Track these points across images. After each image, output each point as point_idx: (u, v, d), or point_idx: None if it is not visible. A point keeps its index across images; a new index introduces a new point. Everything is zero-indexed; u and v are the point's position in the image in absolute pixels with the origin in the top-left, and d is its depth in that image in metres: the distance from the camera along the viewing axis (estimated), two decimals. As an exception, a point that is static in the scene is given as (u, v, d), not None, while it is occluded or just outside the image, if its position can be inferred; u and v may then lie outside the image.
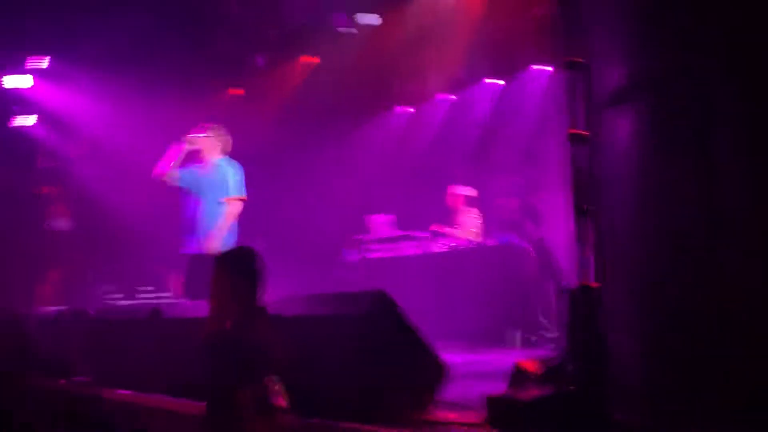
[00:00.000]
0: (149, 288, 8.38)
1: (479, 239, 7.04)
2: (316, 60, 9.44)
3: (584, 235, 2.71)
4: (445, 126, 9.46)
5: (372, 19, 8.14)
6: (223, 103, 9.49)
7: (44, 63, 8.50)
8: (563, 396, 2.33)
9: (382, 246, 7.42)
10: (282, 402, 2.29)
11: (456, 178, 8.41)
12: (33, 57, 8.40)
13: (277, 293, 2.79)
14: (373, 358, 2.43)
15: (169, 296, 8.30)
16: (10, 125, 8.59)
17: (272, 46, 9.05)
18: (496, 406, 2.38)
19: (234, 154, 5.57)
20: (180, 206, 5.57)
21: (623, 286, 2.44)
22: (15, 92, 8.49)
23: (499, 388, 3.43)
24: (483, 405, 2.62)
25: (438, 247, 7.06)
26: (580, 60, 2.81)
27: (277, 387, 2.30)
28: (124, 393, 3.83)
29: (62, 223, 8.50)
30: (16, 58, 8.32)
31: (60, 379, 4.48)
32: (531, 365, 2.73)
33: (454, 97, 9.48)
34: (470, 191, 7.49)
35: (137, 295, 8.19)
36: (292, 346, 2.39)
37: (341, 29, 8.37)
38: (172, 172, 5.39)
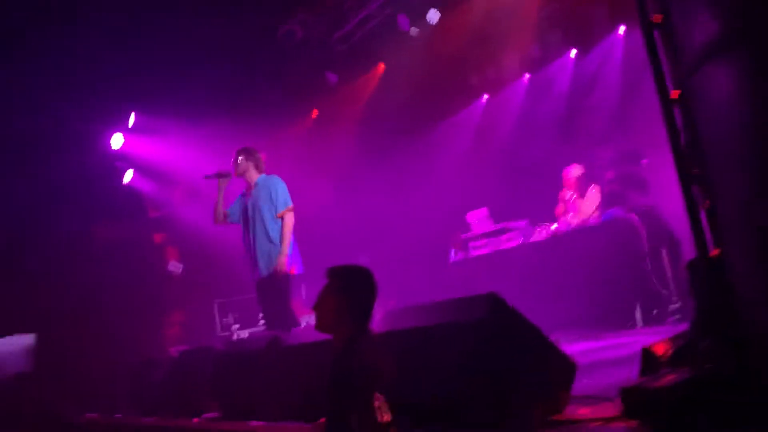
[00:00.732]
0: (261, 315, 8.66)
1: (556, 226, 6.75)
2: (383, 67, 9.48)
3: (694, 201, 2.53)
4: (527, 108, 9.23)
5: (433, 15, 8.06)
6: (307, 127, 9.71)
7: (130, 120, 9.03)
8: (702, 378, 2.16)
9: (483, 241, 7.28)
10: (387, 417, 2.25)
11: (546, 159, 8.18)
12: (119, 114, 8.93)
13: (388, 304, 2.78)
14: (496, 363, 2.35)
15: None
16: (122, 182, 9.16)
17: (340, 61, 9.16)
18: (631, 397, 2.25)
19: (324, 172, 5.63)
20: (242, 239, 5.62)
21: (748, 253, 2.24)
22: (115, 151, 9.04)
23: (630, 374, 3.27)
24: (616, 396, 2.49)
25: (539, 234, 6.84)
26: (660, 18, 2.63)
27: (381, 404, 2.25)
28: (254, 425, 3.95)
29: (176, 267, 8.97)
30: (105, 119, 8.85)
31: (192, 417, 4.67)
32: (659, 347, 2.57)
33: (528, 76, 9.24)
34: (579, 169, 7.08)
35: (257, 324, 8.49)
36: (404, 361, 2.37)
37: (405, 31, 8.33)
38: (220, 212, 5.53)
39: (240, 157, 5.48)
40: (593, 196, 6.88)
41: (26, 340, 7.81)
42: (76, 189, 7.91)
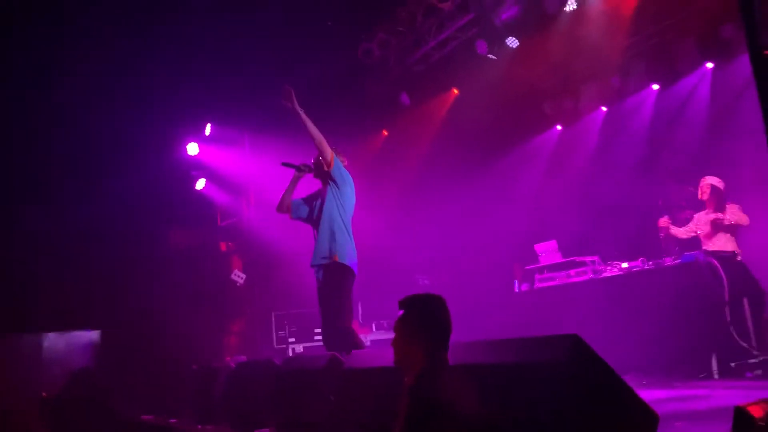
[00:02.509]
0: (318, 330, 8.67)
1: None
2: (456, 92, 9.42)
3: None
4: (602, 141, 8.98)
5: (511, 42, 7.96)
6: (377, 147, 9.74)
7: (207, 129, 9.26)
8: (808, 448, 1.96)
9: (550, 274, 7.06)
10: None
11: (620, 195, 7.92)
12: (196, 123, 9.18)
13: (454, 335, 2.66)
14: (576, 411, 2.21)
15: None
16: (195, 189, 9.38)
17: (416, 83, 9.15)
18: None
19: (390, 193, 5.50)
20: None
21: None
22: (190, 159, 9.29)
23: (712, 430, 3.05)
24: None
25: (611, 271, 6.57)
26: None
27: None
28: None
29: (239, 276, 9.09)
30: (183, 127, 9.11)
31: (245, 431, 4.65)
32: (757, 410, 2.35)
33: (604, 108, 9.00)
34: (718, 182, 6.42)
35: (312, 339, 8.50)
36: (481, 399, 2.25)
37: (483, 56, 8.25)
38: (287, 201, 5.26)
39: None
40: (734, 213, 6.23)
41: (91, 336, 8.03)
42: (151, 193, 8.14)
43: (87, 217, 7.77)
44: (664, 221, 6.64)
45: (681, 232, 6.61)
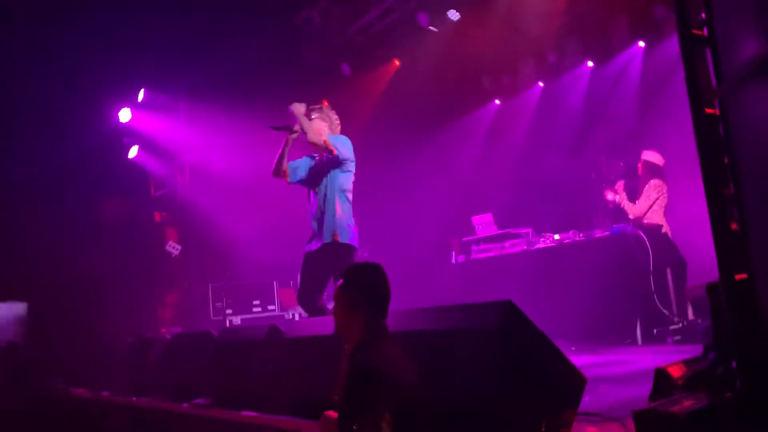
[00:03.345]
0: (256, 302, 8.63)
1: (654, 219, 6.25)
2: (397, 63, 9.41)
3: (724, 221, 2.46)
4: (538, 116, 9.17)
5: (452, 15, 7.99)
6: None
7: (140, 95, 8.92)
8: (721, 406, 2.10)
9: (486, 246, 7.23)
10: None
11: (555, 169, 8.13)
12: (129, 89, 8.83)
13: (392, 304, 2.70)
14: (508, 374, 2.28)
15: (274, 309, 8.54)
16: (127, 157, 9.05)
17: (356, 53, 9.07)
18: (645, 421, 2.18)
19: None
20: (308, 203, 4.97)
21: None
22: (122, 125, 8.95)
23: (633, 394, 3.21)
24: (625, 416, 2.42)
25: (544, 242, 6.78)
26: (701, 33, 2.57)
27: (387, 424, 2.16)
28: (246, 415, 3.88)
29: (174, 247, 8.89)
30: (115, 92, 8.76)
31: (182, 402, 4.60)
32: (675, 370, 2.50)
33: (541, 84, 9.18)
34: (655, 157, 6.48)
35: (249, 311, 8.44)
36: (418, 365, 2.30)
37: (424, 28, 8.24)
38: (283, 165, 4.79)
39: (314, 115, 4.82)
40: (652, 190, 6.36)
41: (17, 308, 7.74)
42: (81, 160, 7.82)
43: (12, 183, 7.41)
44: (612, 193, 6.77)
45: (627, 206, 6.68)
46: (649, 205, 6.35)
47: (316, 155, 4.97)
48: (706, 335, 2.91)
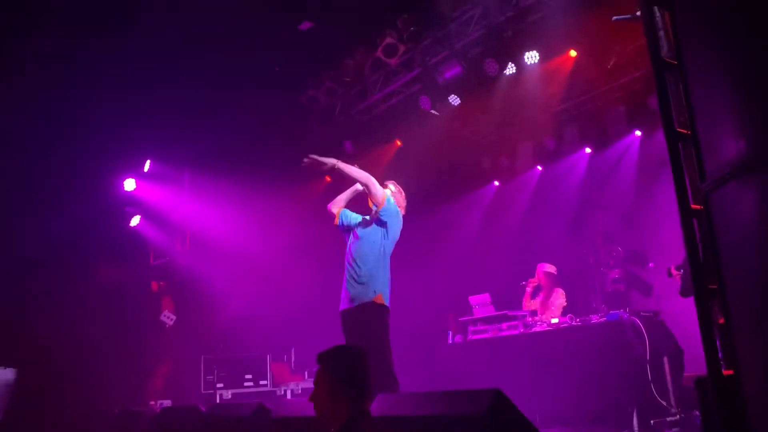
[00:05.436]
0: (248, 376, 8.50)
1: (558, 321, 6.65)
2: (398, 143, 9.62)
3: (709, 317, 2.48)
4: (536, 199, 9.30)
5: (453, 100, 8.25)
6: (318, 192, 9.77)
7: (146, 166, 9.11)
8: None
9: (483, 327, 7.20)
10: None
11: (551, 252, 8.18)
12: (135, 160, 9.02)
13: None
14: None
15: (266, 384, 8.40)
16: (129, 226, 9.15)
17: (359, 132, 9.30)
18: None
19: (329, 240, 5.41)
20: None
21: (763, 374, 2.18)
22: (126, 194, 9.09)
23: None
24: None
25: (540, 326, 6.76)
26: (685, 131, 2.66)
27: None
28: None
29: (169, 318, 8.84)
30: (121, 162, 8.93)
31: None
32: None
33: (540, 168, 9.36)
34: (550, 268, 7.40)
35: (241, 385, 8.30)
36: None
37: (426, 111, 8.49)
38: (339, 205, 5.14)
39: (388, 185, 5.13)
40: (557, 298, 7.22)
41: (5, 374, 7.62)
42: (81, 227, 7.89)
43: (9, 249, 7.45)
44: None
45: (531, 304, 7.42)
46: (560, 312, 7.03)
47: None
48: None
